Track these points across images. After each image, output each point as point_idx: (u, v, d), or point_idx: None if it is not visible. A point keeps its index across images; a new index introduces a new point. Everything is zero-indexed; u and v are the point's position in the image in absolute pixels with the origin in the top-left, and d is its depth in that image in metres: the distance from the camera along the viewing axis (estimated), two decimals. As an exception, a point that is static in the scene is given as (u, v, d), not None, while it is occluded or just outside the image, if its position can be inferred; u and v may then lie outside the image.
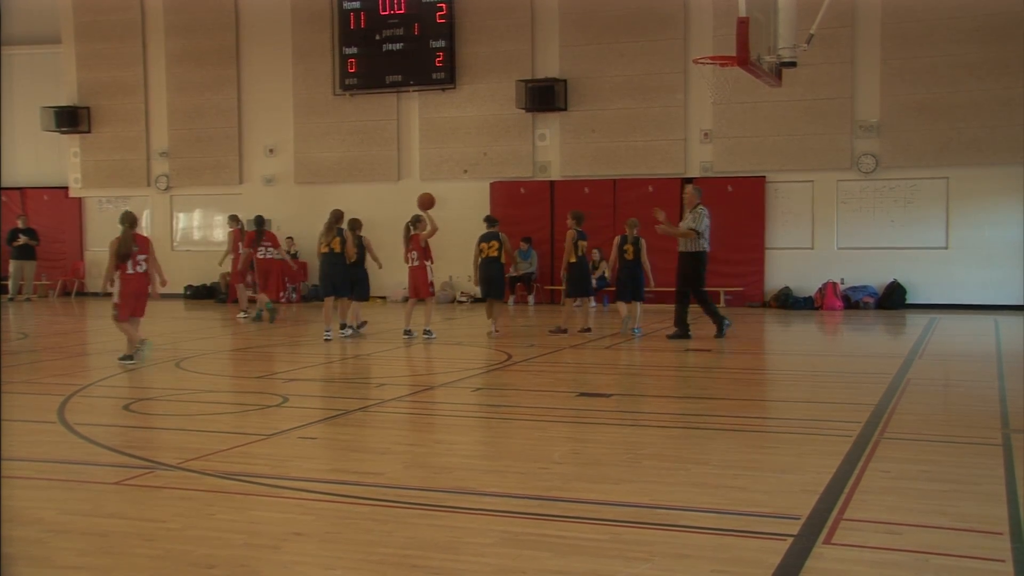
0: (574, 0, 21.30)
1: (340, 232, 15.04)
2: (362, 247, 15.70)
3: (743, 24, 11.34)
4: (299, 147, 23.43)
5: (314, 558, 4.55)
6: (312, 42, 23.04)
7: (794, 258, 20.33)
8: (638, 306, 15.43)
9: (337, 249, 14.96)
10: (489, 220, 15.69)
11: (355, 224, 15.64)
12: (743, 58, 11.53)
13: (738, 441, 7.13)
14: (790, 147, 20.15)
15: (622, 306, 15.51)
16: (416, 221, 15.00)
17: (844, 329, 16.68)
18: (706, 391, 10.06)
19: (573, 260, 15.22)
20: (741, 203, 20.43)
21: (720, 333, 14.27)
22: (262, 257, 18.02)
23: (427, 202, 14.61)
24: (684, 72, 20.51)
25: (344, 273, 15.11)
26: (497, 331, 14.95)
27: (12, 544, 4.73)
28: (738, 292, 20.37)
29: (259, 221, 18.27)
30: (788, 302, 19.90)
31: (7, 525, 5.01)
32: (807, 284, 20.05)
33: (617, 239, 15.67)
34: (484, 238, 15.24)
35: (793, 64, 12.67)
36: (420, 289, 14.97)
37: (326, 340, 14.39)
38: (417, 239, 14.86)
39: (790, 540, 4.68)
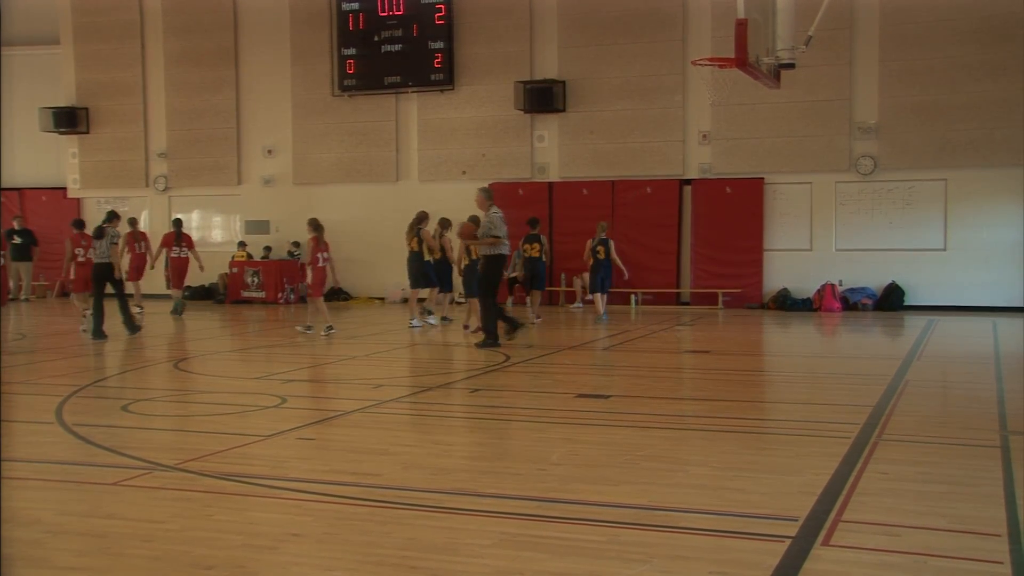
0: (573, 1, 21.32)
1: (419, 233, 16.46)
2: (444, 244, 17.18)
3: (741, 26, 11.35)
4: (297, 148, 23.43)
5: (312, 559, 4.55)
6: (311, 43, 23.05)
7: (792, 259, 20.35)
8: (604, 297, 17.80)
9: (415, 248, 16.42)
10: (532, 223, 17.73)
11: (445, 223, 17.19)
12: (741, 60, 11.53)
13: (736, 442, 7.13)
14: (788, 148, 20.17)
15: (597, 297, 17.71)
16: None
17: (842, 331, 16.69)
18: (704, 392, 10.07)
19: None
20: (739, 204, 20.46)
21: (492, 343, 13.14)
22: (176, 256, 19.28)
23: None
24: (683, 73, 20.53)
25: (426, 268, 16.56)
26: (538, 317, 17.20)
27: (10, 545, 4.72)
28: (737, 293, 20.38)
29: (177, 223, 19.90)
30: (786, 303, 19.92)
31: (6, 526, 5.01)
32: (805, 286, 20.07)
33: (589, 241, 17.79)
34: (528, 239, 17.58)
35: (791, 66, 12.68)
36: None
37: (412, 328, 16.07)
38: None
39: (788, 542, 4.68)
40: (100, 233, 14.89)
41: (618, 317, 18.53)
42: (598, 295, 17.66)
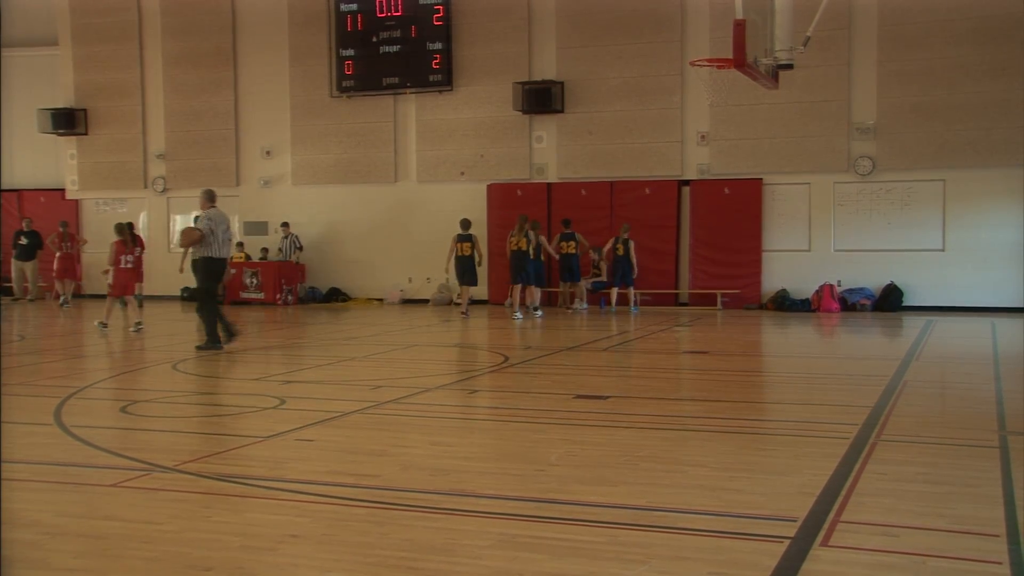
0: (571, 2, 21.33)
1: (527, 234, 18.51)
2: (539, 244, 19.24)
3: (739, 26, 11.36)
4: (296, 149, 23.43)
5: (310, 560, 4.55)
6: (309, 44, 23.04)
7: (791, 260, 20.36)
8: (630, 290, 19.77)
9: (524, 247, 18.45)
10: (565, 222, 20.01)
11: (536, 226, 19.13)
12: (740, 60, 11.54)
13: (735, 443, 7.14)
14: (787, 149, 20.18)
15: (613, 291, 19.71)
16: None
17: (841, 331, 16.70)
18: (703, 393, 10.07)
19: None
20: (738, 205, 20.47)
21: (212, 345, 13.00)
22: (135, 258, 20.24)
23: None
24: (681, 74, 20.54)
25: (529, 266, 18.59)
26: (572, 307, 19.84)
27: (9, 547, 4.71)
28: (735, 294, 20.38)
29: (130, 227, 20.25)
30: (785, 304, 19.92)
31: (5, 528, 5.00)
32: (804, 286, 20.07)
33: (612, 239, 19.74)
34: (563, 237, 19.77)
35: (790, 66, 12.70)
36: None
37: (516, 320, 17.88)
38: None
39: (787, 542, 4.68)
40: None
41: (616, 318, 18.55)
42: (614, 288, 19.65)
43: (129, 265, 16.00)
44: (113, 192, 24.96)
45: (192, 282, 14.06)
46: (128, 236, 16.26)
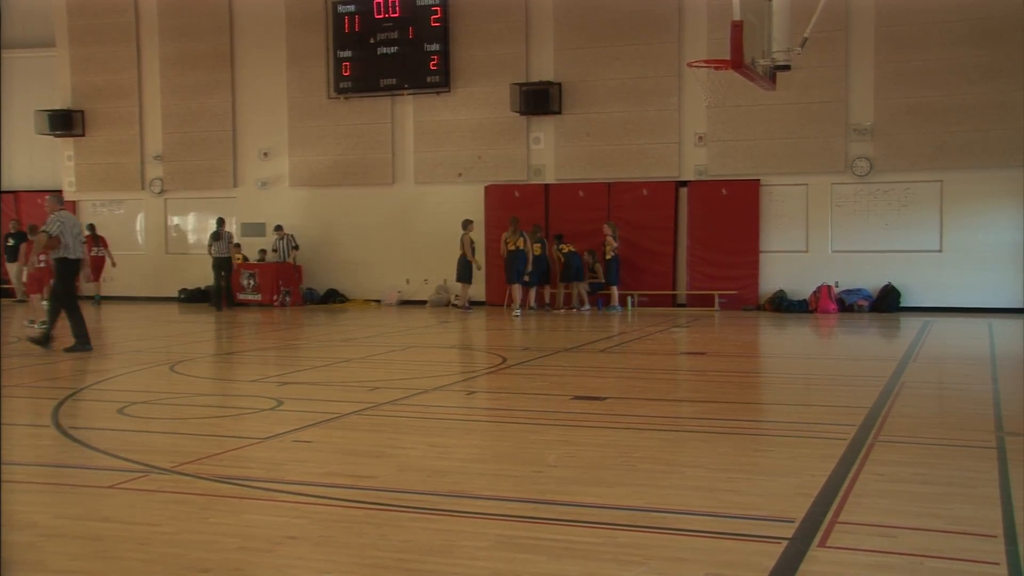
0: (569, 3, 21.33)
1: (523, 235, 19.67)
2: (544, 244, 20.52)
3: (737, 28, 11.37)
4: (294, 150, 23.42)
5: (308, 562, 4.55)
6: (306, 45, 23.04)
7: (788, 261, 20.37)
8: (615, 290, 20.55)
9: (522, 247, 19.61)
10: (558, 237, 20.98)
11: (537, 229, 20.46)
12: (737, 62, 11.56)
13: (732, 444, 7.14)
14: (784, 150, 20.19)
15: (614, 289, 20.25)
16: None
17: (838, 332, 16.71)
18: (700, 394, 10.07)
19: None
20: (735, 206, 20.48)
21: (82, 347, 12.97)
22: (95, 255, 21.85)
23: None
24: (678, 76, 20.55)
25: (525, 266, 19.75)
26: (582, 307, 20.56)
27: (8, 548, 4.71)
28: (733, 295, 20.39)
29: (91, 227, 22.44)
30: (782, 305, 19.93)
31: (4, 530, 5.00)
32: (801, 287, 20.08)
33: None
34: (559, 240, 20.78)
35: (787, 67, 12.71)
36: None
37: (515, 317, 18.83)
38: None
39: (785, 543, 4.68)
40: (218, 235, 21.43)
41: (614, 319, 18.56)
42: (614, 288, 20.26)
43: (42, 264, 16.04)
44: (110, 193, 24.94)
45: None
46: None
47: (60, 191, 14.06)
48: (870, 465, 6.29)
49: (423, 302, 22.16)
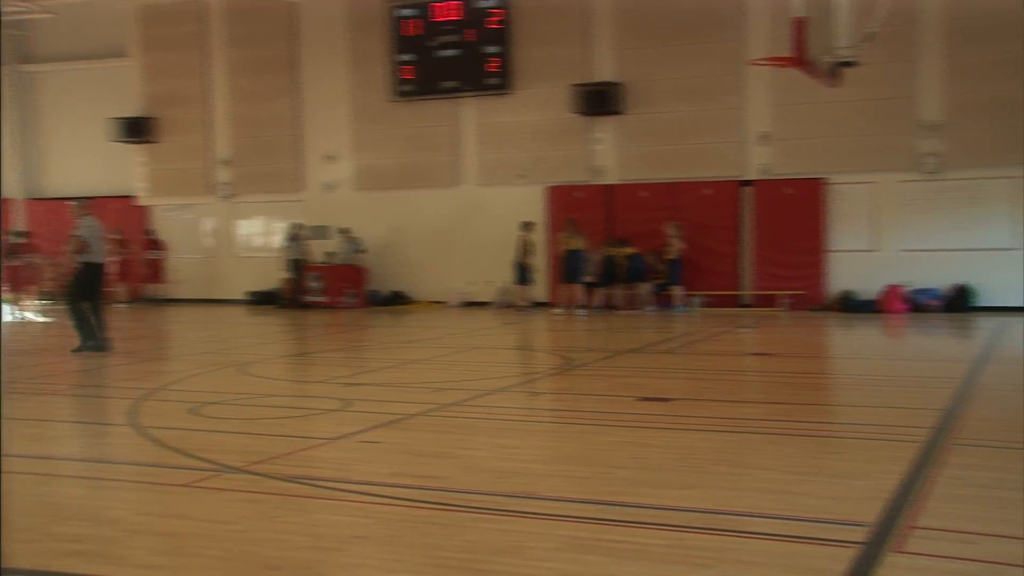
0: (629, 3, 21.24)
1: (580, 235, 20.01)
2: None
3: (800, 24, 11.23)
4: (357, 154, 23.65)
5: (377, 561, 4.59)
6: (368, 49, 23.24)
7: (856, 260, 20.02)
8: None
9: (580, 247, 19.91)
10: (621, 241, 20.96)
11: (619, 241, 20.69)
12: (800, 59, 11.42)
13: (801, 446, 7.05)
14: (849, 148, 19.84)
15: (677, 290, 20.24)
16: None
17: (909, 332, 16.40)
18: (767, 395, 9.96)
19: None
20: (800, 205, 20.21)
21: (81, 348, 13.18)
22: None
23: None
24: (740, 74, 20.33)
25: (582, 266, 20.04)
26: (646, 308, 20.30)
27: (89, 542, 4.84)
28: (799, 296, 20.10)
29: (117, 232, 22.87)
30: (850, 305, 19.60)
31: (72, 523, 5.14)
32: (869, 287, 19.72)
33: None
34: (618, 243, 20.67)
35: (852, 63, 12.51)
36: None
37: (580, 316, 19.31)
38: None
39: (858, 548, 4.61)
40: (294, 236, 22.64)
41: (677, 320, 18.44)
42: (678, 288, 20.18)
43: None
44: (180, 198, 25.43)
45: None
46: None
47: (85, 198, 14.49)
48: (945, 468, 6.16)
49: (487, 303, 22.23)
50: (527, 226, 20.67)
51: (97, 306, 13.43)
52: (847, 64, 12.51)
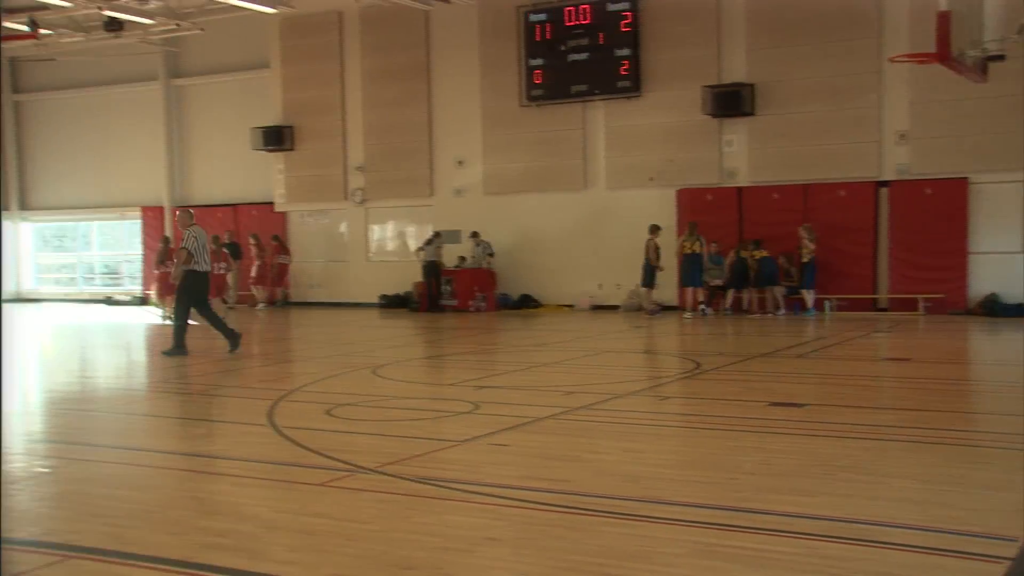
0: (760, 3, 20.85)
1: (700, 239, 19.99)
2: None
3: (944, 18, 10.86)
4: (487, 158, 23.91)
5: (507, 563, 4.65)
6: (499, 54, 23.48)
7: (1002, 263, 19.14)
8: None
9: (698, 250, 19.98)
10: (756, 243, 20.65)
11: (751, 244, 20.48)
12: (944, 54, 11.03)
13: (940, 455, 6.81)
14: (995, 146, 18.97)
15: (809, 294, 19.76)
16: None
17: (1060, 338, 15.58)
18: (904, 402, 9.64)
19: None
20: (941, 206, 19.47)
21: (234, 347, 13.85)
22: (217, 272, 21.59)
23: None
24: (878, 72, 19.72)
25: (701, 269, 20.10)
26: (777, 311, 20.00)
27: (231, 536, 5.07)
28: (938, 299, 19.34)
29: (216, 240, 22.09)
30: (995, 309, 18.75)
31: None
32: (1017, 290, 18.82)
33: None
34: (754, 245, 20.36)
35: (1001, 58, 12.02)
36: None
37: (686, 320, 19.42)
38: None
39: (1005, 564, 4.43)
40: (430, 241, 23.07)
41: (810, 324, 18.01)
42: (810, 292, 19.73)
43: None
44: (316, 204, 26.23)
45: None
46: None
47: (189, 207, 15.11)
48: (1098, 482, 5.86)
49: (616, 307, 22.16)
50: (655, 229, 20.51)
51: (206, 312, 13.97)
52: (994, 58, 12.01)
